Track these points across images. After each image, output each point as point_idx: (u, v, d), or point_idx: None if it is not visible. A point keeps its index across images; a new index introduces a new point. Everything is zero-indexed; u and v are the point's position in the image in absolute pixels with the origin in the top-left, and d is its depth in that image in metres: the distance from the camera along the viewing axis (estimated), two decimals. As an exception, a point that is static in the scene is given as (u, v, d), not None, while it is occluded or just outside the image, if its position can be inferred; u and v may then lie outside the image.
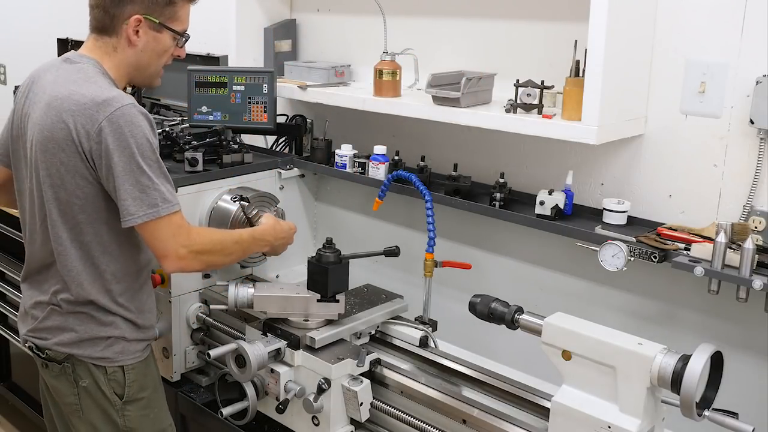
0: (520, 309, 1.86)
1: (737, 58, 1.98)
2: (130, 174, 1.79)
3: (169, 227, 1.83)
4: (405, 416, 2.01)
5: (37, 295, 1.99)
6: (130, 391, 1.96)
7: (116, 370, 1.95)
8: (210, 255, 1.95)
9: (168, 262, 1.86)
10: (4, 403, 3.64)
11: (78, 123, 1.79)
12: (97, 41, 1.93)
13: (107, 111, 1.78)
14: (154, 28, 1.91)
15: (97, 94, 1.81)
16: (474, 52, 2.52)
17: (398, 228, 2.73)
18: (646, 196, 2.20)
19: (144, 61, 1.95)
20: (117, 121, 1.78)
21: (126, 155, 1.78)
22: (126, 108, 1.79)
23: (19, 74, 3.11)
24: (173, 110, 3.24)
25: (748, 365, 2.00)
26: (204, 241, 1.93)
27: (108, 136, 1.77)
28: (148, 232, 1.83)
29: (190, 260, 1.87)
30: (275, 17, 3.00)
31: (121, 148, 1.78)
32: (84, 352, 1.93)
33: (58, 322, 1.94)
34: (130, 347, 1.97)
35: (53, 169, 1.84)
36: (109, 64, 1.92)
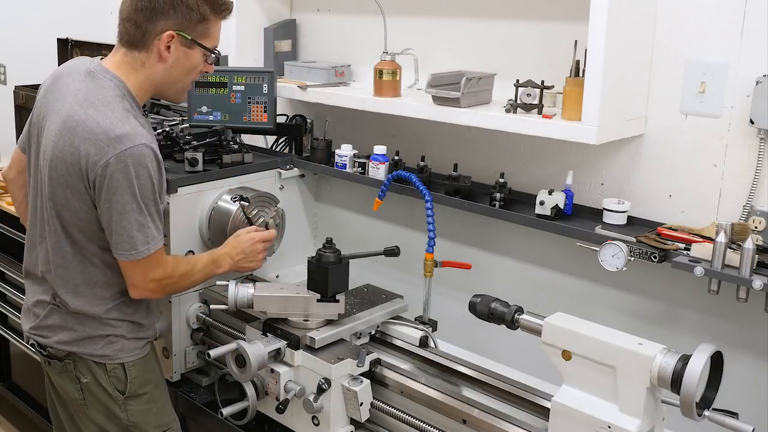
0: (520, 309, 1.86)
1: (737, 58, 1.98)
2: (127, 213, 1.82)
3: (148, 264, 1.89)
4: (405, 416, 2.01)
5: (39, 294, 2.02)
6: (132, 387, 1.99)
7: (116, 367, 1.97)
8: (176, 286, 2.05)
9: (136, 292, 1.94)
10: (4, 403, 3.64)
11: (87, 152, 1.80)
12: (126, 56, 1.91)
13: (118, 148, 1.78)
14: (185, 45, 1.89)
15: (111, 127, 1.80)
16: (474, 52, 2.52)
17: (398, 228, 2.73)
18: (646, 196, 2.20)
19: (173, 77, 1.93)
20: (125, 160, 1.79)
21: (127, 195, 1.81)
22: (137, 149, 1.80)
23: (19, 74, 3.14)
24: (173, 110, 3.24)
25: (748, 365, 2.00)
26: (174, 275, 1.99)
27: (114, 173, 1.79)
28: (129, 265, 1.89)
29: (157, 292, 1.97)
30: (275, 17, 3.00)
31: (124, 188, 1.80)
32: (84, 350, 1.96)
33: (58, 321, 1.97)
34: (129, 345, 2.00)
35: (59, 188, 1.86)
36: (135, 80, 1.91)
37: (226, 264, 2.16)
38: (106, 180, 1.80)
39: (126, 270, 1.91)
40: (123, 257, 1.87)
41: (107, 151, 1.78)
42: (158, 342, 2.46)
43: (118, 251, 1.87)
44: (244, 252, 2.19)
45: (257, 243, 2.22)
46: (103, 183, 1.80)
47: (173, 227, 2.38)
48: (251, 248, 2.21)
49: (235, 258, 2.17)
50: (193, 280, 2.09)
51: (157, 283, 1.94)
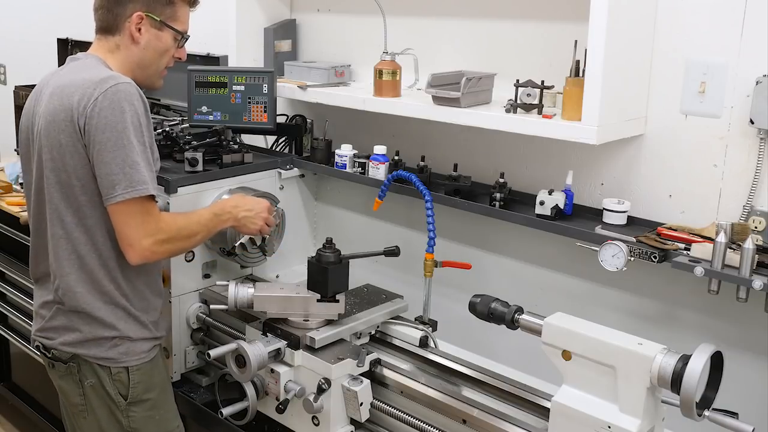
0: (520, 309, 1.86)
1: (737, 58, 1.97)
2: (117, 151, 1.79)
3: (142, 211, 1.83)
4: (405, 416, 2.01)
5: (45, 295, 2.00)
6: (135, 393, 1.97)
7: (120, 371, 1.95)
8: (175, 242, 1.94)
9: (133, 252, 1.85)
10: (4, 403, 3.64)
11: (75, 101, 1.82)
12: (101, 41, 1.99)
13: (104, 87, 1.81)
14: (155, 26, 1.97)
15: (95, 75, 1.86)
16: (474, 52, 2.52)
17: (398, 228, 2.73)
18: (646, 196, 2.20)
19: (147, 59, 2.00)
20: (111, 97, 1.80)
21: (117, 130, 1.80)
22: (122, 86, 1.82)
23: (19, 74, 3.13)
24: (173, 110, 3.25)
25: (748, 365, 2.00)
26: (170, 229, 1.91)
27: (101, 110, 1.80)
28: (120, 213, 1.82)
29: (155, 250, 1.87)
30: (275, 17, 3.00)
31: (113, 123, 1.80)
32: (89, 352, 1.94)
33: (63, 322, 1.95)
34: (136, 347, 1.97)
35: (54, 151, 1.86)
36: (113, 61, 1.97)
37: (229, 219, 2.11)
38: (94, 120, 1.80)
39: (119, 222, 1.83)
40: (114, 199, 1.80)
41: (93, 92, 1.81)
42: (158, 342, 2.46)
43: (109, 195, 1.80)
44: (252, 209, 2.17)
45: (264, 206, 2.21)
46: (92, 123, 1.80)
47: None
48: (259, 207, 2.19)
49: (240, 214, 2.13)
50: (194, 236, 2.01)
51: (153, 238, 1.85)
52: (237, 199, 2.22)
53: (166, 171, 2.46)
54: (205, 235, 2.07)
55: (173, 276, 2.39)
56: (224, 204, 2.16)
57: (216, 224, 2.08)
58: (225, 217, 2.11)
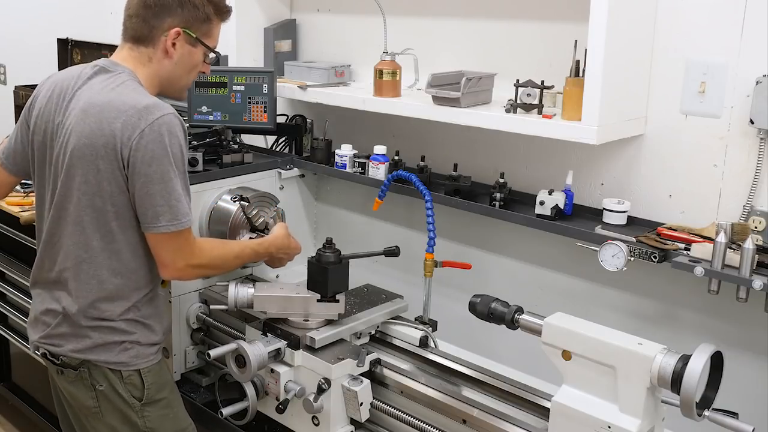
0: (520, 309, 1.85)
1: (737, 58, 1.98)
2: (166, 183, 1.81)
3: (178, 240, 1.87)
4: (405, 416, 2.01)
5: (49, 303, 1.97)
6: (150, 393, 1.97)
7: (132, 374, 1.95)
8: (207, 269, 2.05)
9: (166, 271, 1.92)
10: (4, 403, 3.64)
11: (118, 129, 1.80)
12: (133, 51, 1.94)
13: (149, 119, 1.80)
14: (190, 42, 1.94)
15: (137, 101, 1.82)
16: (474, 52, 2.52)
17: (398, 228, 2.73)
18: (646, 196, 2.20)
19: (177, 73, 1.97)
20: (158, 129, 1.80)
21: (164, 164, 1.81)
22: (167, 117, 1.82)
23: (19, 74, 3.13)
24: (173, 110, 3.24)
25: (748, 365, 2.00)
26: (204, 257, 1.96)
27: (149, 143, 1.79)
28: (160, 240, 1.87)
29: (187, 273, 1.96)
30: (275, 17, 3.01)
31: (160, 157, 1.80)
32: (99, 358, 1.92)
33: (73, 330, 1.93)
34: (144, 351, 1.97)
35: (90, 176, 1.84)
36: (143, 74, 1.94)
37: (266, 256, 2.22)
38: (140, 152, 1.79)
39: (157, 247, 1.88)
40: (161, 229, 1.84)
41: (139, 123, 1.80)
42: (158, 342, 2.46)
43: (155, 224, 1.84)
44: (289, 253, 2.27)
45: (298, 252, 2.31)
46: (137, 156, 1.80)
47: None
48: (295, 252, 2.29)
49: (278, 254, 2.23)
50: (226, 266, 2.10)
51: (187, 262, 1.91)
52: (283, 241, 2.24)
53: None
54: (239, 265, 2.18)
55: (173, 276, 2.39)
56: (271, 244, 2.21)
57: (253, 259, 2.19)
58: (263, 255, 2.20)
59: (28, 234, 2.86)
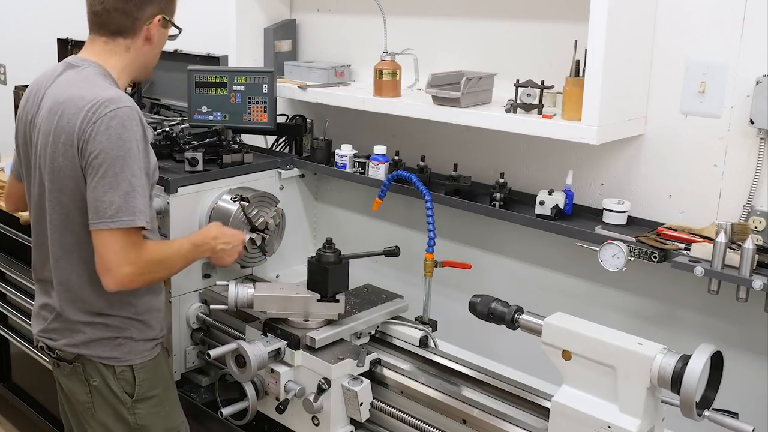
0: (520, 309, 1.86)
1: (737, 58, 1.97)
2: (110, 178, 1.76)
3: (127, 240, 1.78)
4: (405, 416, 2.01)
5: (46, 298, 2.00)
6: (141, 390, 1.97)
7: (125, 370, 1.95)
8: (154, 273, 1.90)
9: (109, 278, 1.79)
10: (4, 403, 3.64)
11: (76, 123, 1.79)
12: (108, 44, 1.93)
13: (103, 111, 1.78)
14: (164, 25, 1.98)
15: (95, 95, 1.81)
16: (474, 52, 2.52)
17: (398, 228, 2.73)
18: (646, 196, 2.20)
19: (152, 56, 2.01)
20: (108, 122, 1.77)
21: (110, 158, 1.76)
22: (122, 110, 1.79)
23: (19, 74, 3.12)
24: (173, 110, 3.25)
25: (748, 365, 2.00)
26: (151, 259, 1.86)
27: (98, 135, 1.77)
28: (106, 238, 1.77)
29: (132, 279, 1.81)
30: (275, 17, 3.00)
31: (107, 150, 1.76)
32: (93, 352, 1.94)
33: (66, 325, 1.95)
34: (138, 347, 1.97)
35: (55, 173, 1.84)
36: (117, 64, 1.94)
37: (207, 250, 2.09)
38: (90, 144, 1.77)
39: (101, 246, 1.77)
40: (101, 225, 1.75)
41: (93, 117, 1.78)
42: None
43: (96, 220, 1.76)
44: (229, 242, 2.14)
45: (240, 239, 2.19)
46: (87, 149, 1.77)
47: (173, 227, 2.38)
48: (236, 240, 2.17)
49: (218, 246, 2.10)
50: (173, 267, 1.99)
51: (133, 267, 1.79)
52: (216, 230, 2.13)
53: (166, 171, 2.46)
54: (184, 266, 2.03)
55: (173, 277, 2.39)
56: (205, 234, 2.10)
57: (195, 255, 2.05)
58: (204, 248, 2.08)
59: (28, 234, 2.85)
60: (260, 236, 2.43)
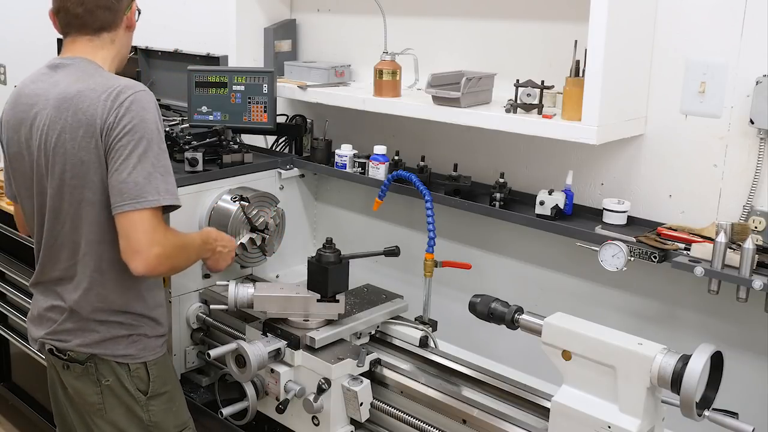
0: (520, 309, 1.86)
1: (737, 58, 1.98)
2: (133, 160, 1.76)
3: (154, 220, 1.77)
4: (405, 416, 2.01)
5: (54, 299, 1.97)
6: (155, 386, 1.97)
7: (139, 367, 1.95)
8: (177, 259, 1.89)
9: (138, 261, 1.77)
10: (4, 403, 3.64)
11: (96, 116, 1.78)
12: (93, 41, 1.93)
13: (123, 97, 1.79)
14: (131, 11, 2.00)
15: (108, 85, 1.82)
16: (474, 52, 2.52)
17: (398, 228, 2.73)
18: (646, 196, 2.20)
19: (130, 42, 2.03)
20: (130, 106, 1.78)
21: (134, 141, 1.77)
22: (141, 94, 1.81)
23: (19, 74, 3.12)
24: (173, 110, 3.24)
25: (748, 365, 2.00)
26: (176, 243, 1.87)
27: (120, 120, 1.77)
28: (134, 219, 1.76)
29: (162, 261, 1.80)
30: (275, 17, 3.00)
31: (130, 134, 1.77)
32: (107, 351, 1.93)
33: (79, 325, 1.93)
34: (151, 343, 1.98)
35: (76, 169, 1.82)
36: (106, 57, 1.94)
37: (209, 251, 2.10)
38: (114, 131, 1.77)
39: (128, 228, 1.76)
40: (126, 207, 1.74)
41: (112, 104, 1.78)
42: (158, 342, 2.46)
43: (121, 203, 1.75)
44: (226, 246, 2.16)
45: (234, 247, 2.21)
46: (111, 135, 1.78)
47: (173, 227, 2.37)
48: (231, 245, 2.19)
49: (218, 248, 2.12)
50: (189, 259, 1.99)
51: (161, 248, 1.78)
52: (216, 233, 2.16)
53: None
54: (196, 259, 2.04)
55: (173, 276, 2.39)
56: (209, 234, 2.12)
57: (202, 251, 2.06)
58: (208, 247, 2.09)
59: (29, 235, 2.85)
60: (260, 236, 2.43)
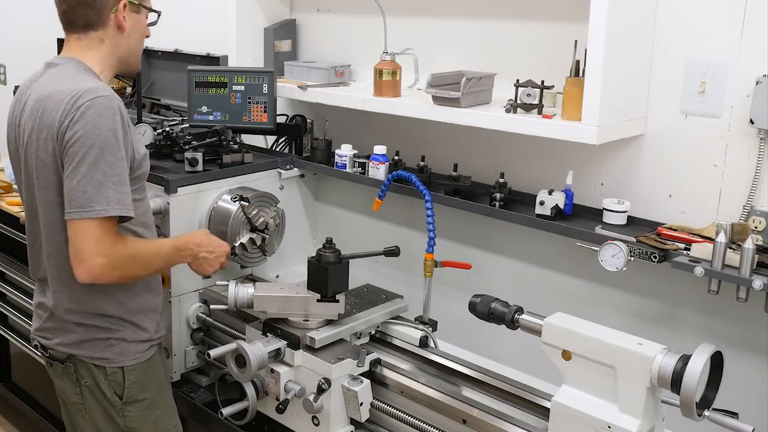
0: (520, 309, 1.86)
1: (737, 58, 1.97)
2: (84, 167, 1.74)
3: (100, 231, 1.75)
4: (405, 416, 2.01)
5: (41, 297, 2.01)
6: (130, 392, 1.97)
7: (116, 371, 1.95)
8: (128, 269, 1.85)
9: (81, 269, 1.77)
10: (4, 403, 3.64)
11: (56, 118, 1.79)
12: (81, 39, 1.94)
13: (81, 101, 1.77)
14: (134, 10, 1.95)
15: (74, 87, 1.81)
16: (474, 52, 2.52)
17: (398, 228, 2.73)
18: (646, 196, 2.20)
19: (133, 44, 1.98)
20: (86, 111, 1.76)
21: (85, 147, 1.75)
22: (99, 100, 1.77)
23: (19, 74, 3.12)
24: (173, 110, 3.24)
25: (748, 365, 2.00)
26: (126, 254, 1.82)
27: (74, 125, 1.76)
28: (79, 228, 1.75)
29: (106, 271, 1.78)
30: (275, 17, 3.00)
31: (82, 139, 1.75)
32: (84, 353, 1.94)
33: (59, 324, 1.95)
34: (130, 348, 1.97)
35: (40, 170, 1.84)
36: (95, 58, 1.93)
37: (189, 256, 2.03)
38: (67, 133, 1.76)
39: (74, 236, 1.75)
40: (74, 215, 1.73)
41: (71, 107, 1.77)
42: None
43: (69, 209, 1.74)
44: (213, 251, 2.08)
45: (224, 252, 2.12)
46: (64, 138, 1.76)
47: (173, 227, 2.38)
48: (220, 250, 2.10)
49: (201, 253, 2.04)
50: (150, 266, 1.92)
51: (106, 259, 1.75)
52: (202, 237, 2.08)
53: (166, 171, 2.46)
54: (163, 267, 1.99)
55: (173, 276, 2.39)
56: (189, 240, 2.05)
57: (176, 258, 2.02)
58: (185, 253, 2.02)
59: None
60: (260, 236, 2.43)
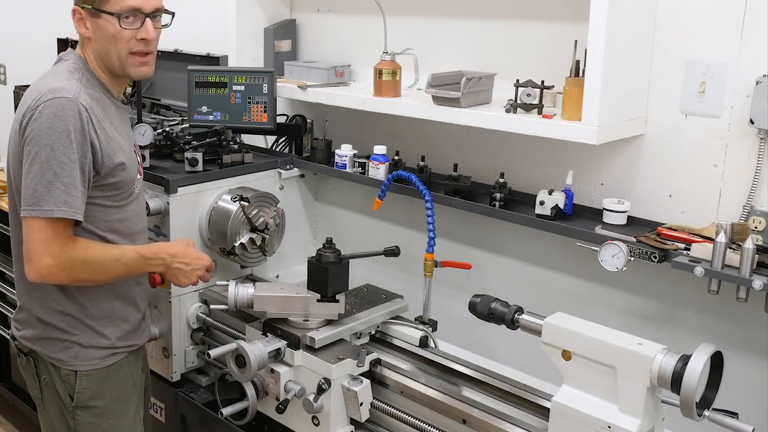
0: (520, 309, 1.86)
1: (737, 58, 1.97)
2: (35, 165, 1.75)
3: (49, 231, 1.74)
4: (405, 416, 2.01)
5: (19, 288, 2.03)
6: (80, 398, 1.95)
7: (69, 373, 1.94)
8: (79, 272, 1.82)
9: (29, 267, 1.78)
10: (4, 403, 3.64)
11: (21, 115, 1.81)
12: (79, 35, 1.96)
13: (42, 100, 1.77)
14: (93, 16, 1.88)
15: (46, 86, 1.81)
16: (474, 52, 2.52)
17: (398, 228, 2.73)
18: (646, 196, 2.20)
19: (103, 49, 1.90)
20: (43, 110, 1.76)
21: (37, 146, 1.75)
22: (58, 100, 1.76)
23: (19, 74, 3.14)
24: (173, 110, 3.24)
25: (748, 365, 2.00)
26: (77, 257, 1.79)
27: (30, 123, 1.77)
28: (29, 227, 1.76)
29: (54, 272, 1.77)
30: (275, 17, 3.00)
31: (36, 138, 1.75)
32: (43, 350, 1.95)
33: (25, 316, 1.98)
34: (86, 354, 1.94)
35: (10, 168, 1.87)
36: (89, 53, 1.94)
37: (160, 265, 1.97)
38: (26, 132, 1.77)
39: (25, 234, 1.76)
40: (24, 213, 1.75)
41: (33, 105, 1.78)
42: (158, 342, 2.46)
43: (21, 207, 1.76)
44: (189, 264, 1.99)
45: (203, 266, 2.03)
46: (23, 136, 1.77)
47: (173, 227, 2.38)
48: (198, 263, 2.02)
49: (174, 264, 1.97)
50: (105, 271, 1.87)
51: (54, 260, 1.75)
52: (178, 248, 2.00)
53: (166, 171, 2.46)
54: (125, 274, 1.91)
55: (173, 276, 2.39)
56: (160, 249, 1.98)
57: (142, 267, 1.95)
58: (155, 263, 1.96)
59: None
60: (260, 236, 2.43)
